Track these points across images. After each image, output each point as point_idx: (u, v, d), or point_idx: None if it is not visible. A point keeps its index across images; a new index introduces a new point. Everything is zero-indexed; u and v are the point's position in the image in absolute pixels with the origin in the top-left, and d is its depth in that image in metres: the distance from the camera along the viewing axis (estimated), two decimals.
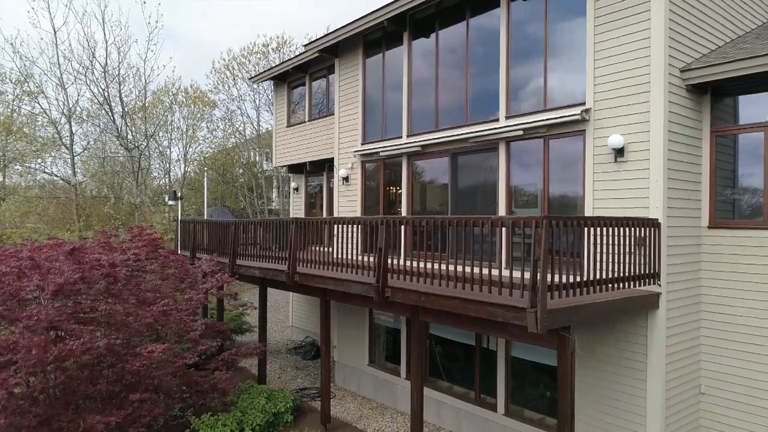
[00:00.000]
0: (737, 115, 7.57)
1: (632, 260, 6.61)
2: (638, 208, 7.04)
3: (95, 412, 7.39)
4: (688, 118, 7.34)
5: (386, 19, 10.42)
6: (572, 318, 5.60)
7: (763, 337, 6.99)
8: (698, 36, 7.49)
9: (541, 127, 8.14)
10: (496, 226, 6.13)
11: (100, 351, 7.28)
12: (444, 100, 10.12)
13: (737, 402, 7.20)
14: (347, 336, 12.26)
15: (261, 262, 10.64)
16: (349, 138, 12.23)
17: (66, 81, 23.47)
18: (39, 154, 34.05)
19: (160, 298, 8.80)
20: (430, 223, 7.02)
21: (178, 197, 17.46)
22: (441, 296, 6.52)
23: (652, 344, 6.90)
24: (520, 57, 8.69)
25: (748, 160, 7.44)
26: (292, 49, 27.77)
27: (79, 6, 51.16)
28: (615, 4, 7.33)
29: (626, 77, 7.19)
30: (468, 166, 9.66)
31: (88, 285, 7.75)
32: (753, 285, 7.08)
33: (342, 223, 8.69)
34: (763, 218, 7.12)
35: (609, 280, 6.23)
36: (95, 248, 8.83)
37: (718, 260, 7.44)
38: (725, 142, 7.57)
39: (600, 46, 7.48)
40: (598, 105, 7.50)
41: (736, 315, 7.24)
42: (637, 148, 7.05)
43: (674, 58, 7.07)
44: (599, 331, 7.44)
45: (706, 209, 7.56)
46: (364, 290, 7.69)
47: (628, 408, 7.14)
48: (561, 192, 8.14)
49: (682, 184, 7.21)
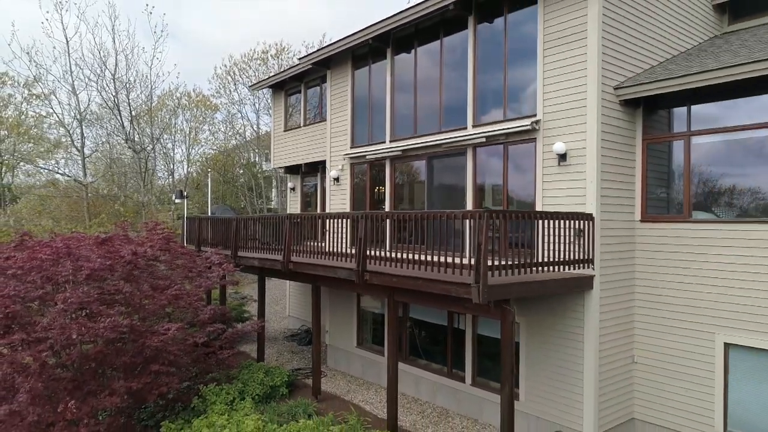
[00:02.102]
0: (667, 125, 8.87)
1: (572, 248, 7.94)
2: (578, 204, 8.34)
3: (120, 380, 8.71)
4: (622, 128, 8.65)
5: (372, 37, 11.72)
6: (511, 292, 6.90)
7: (682, 312, 8.30)
8: (631, 58, 8.79)
9: (501, 135, 9.45)
10: (450, 219, 7.45)
11: (123, 329, 8.58)
12: (422, 109, 11.41)
13: (664, 369, 8.52)
14: (338, 323, 13.57)
15: (260, 253, 11.95)
16: (340, 142, 13.53)
17: (78, 87, 24.84)
18: (46, 154, 35.41)
19: (171, 284, 10.09)
20: (402, 216, 8.34)
21: (185, 196, 18.84)
22: (410, 278, 7.82)
23: (588, 320, 8.21)
24: (485, 73, 9.99)
25: (673, 164, 8.75)
26: (290, 55, 29.12)
27: (90, 18, 52.80)
28: (558, 33, 8.63)
29: (568, 94, 8.49)
30: (442, 167, 10.97)
31: (111, 272, 9.05)
32: (676, 269, 8.40)
33: (331, 217, 10.01)
34: (684, 214, 8.43)
35: (547, 263, 7.55)
36: (116, 240, 10.10)
37: (649, 249, 8.75)
38: (656, 148, 8.87)
39: (548, 67, 8.78)
40: (546, 117, 8.80)
41: (663, 294, 8.55)
42: (576, 154, 8.35)
43: (608, 78, 8.37)
44: (547, 309, 8.74)
45: (639, 205, 8.86)
46: (347, 275, 9.00)
47: (570, 374, 8.45)
48: (518, 190, 9.44)
49: (615, 184, 8.52)
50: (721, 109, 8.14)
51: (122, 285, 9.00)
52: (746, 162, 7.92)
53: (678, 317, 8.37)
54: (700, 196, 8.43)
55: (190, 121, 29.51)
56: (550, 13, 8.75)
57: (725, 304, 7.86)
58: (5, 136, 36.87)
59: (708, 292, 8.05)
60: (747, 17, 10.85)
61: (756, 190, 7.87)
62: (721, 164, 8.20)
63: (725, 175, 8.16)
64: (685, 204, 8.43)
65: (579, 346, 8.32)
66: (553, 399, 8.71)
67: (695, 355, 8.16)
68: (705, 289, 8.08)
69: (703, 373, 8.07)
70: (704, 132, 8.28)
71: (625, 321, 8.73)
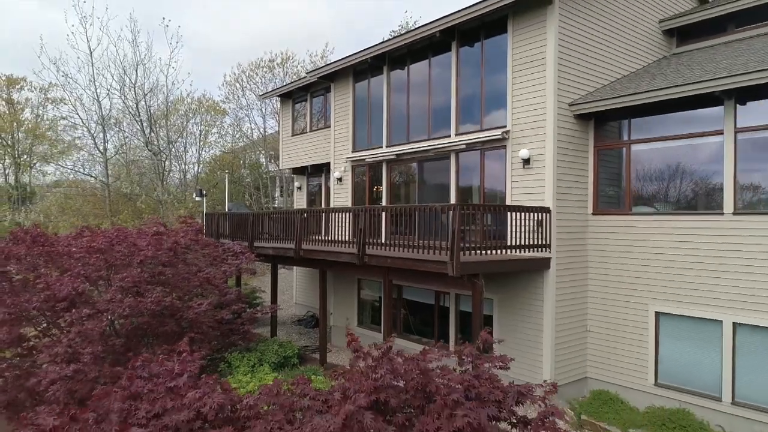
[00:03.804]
0: (616, 135, 10.71)
1: (534, 235, 9.78)
2: (539, 200, 10.18)
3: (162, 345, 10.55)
4: (576, 137, 10.49)
5: (370, 57, 13.56)
6: (479, 268, 8.75)
7: (625, 288, 10.15)
8: (586, 78, 10.63)
9: (478, 143, 11.29)
10: (432, 211, 9.30)
11: (165, 304, 10.41)
12: (413, 118, 13.25)
13: (611, 335, 10.37)
14: (341, 306, 15.42)
15: (273, 242, 13.82)
16: (342, 147, 15.37)
17: (100, 94, 26.91)
18: (60, 156, 37.28)
19: (201, 269, 11.92)
20: (395, 210, 10.20)
21: (203, 194, 20.87)
22: (402, 258, 9.67)
23: (546, 295, 10.06)
24: (465, 90, 11.83)
25: (618, 167, 10.60)
26: (294, 63, 31.08)
27: (113, 31, 56.06)
28: (524, 58, 10.47)
29: (532, 109, 10.33)
30: (430, 169, 12.81)
31: (157, 258, 10.89)
32: (621, 253, 10.25)
33: (336, 211, 11.87)
34: (626, 207, 10.28)
35: (512, 246, 9.41)
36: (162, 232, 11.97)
37: (599, 236, 10.60)
38: (605, 154, 10.72)
39: (515, 86, 10.62)
40: (514, 128, 10.65)
41: (611, 274, 10.40)
42: (538, 159, 10.20)
43: (565, 96, 10.21)
44: (515, 287, 10.58)
45: (591, 201, 10.71)
46: (350, 259, 10.84)
47: (533, 341, 10.29)
48: (492, 188, 11.29)
49: (570, 184, 10.36)
50: (654, 122, 9.99)
51: (164, 269, 10.84)
52: (673, 165, 9.77)
53: (622, 292, 10.23)
54: (640, 193, 10.28)
55: (200, 125, 31.53)
56: (517, 42, 10.60)
57: (656, 281, 9.71)
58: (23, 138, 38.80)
59: (645, 272, 9.90)
60: (692, 41, 12.70)
61: (682, 188, 9.72)
62: (655, 167, 10.06)
63: (659, 177, 10.01)
64: (627, 200, 10.29)
65: (540, 317, 10.17)
66: (521, 361, 10.54)
67: (634, 323, 10.02)
68: (642, 269, 9.93)
69: (640, 336, 9.92)
70: (640, 141, 10.14)
71: (579, 296, 10.59)
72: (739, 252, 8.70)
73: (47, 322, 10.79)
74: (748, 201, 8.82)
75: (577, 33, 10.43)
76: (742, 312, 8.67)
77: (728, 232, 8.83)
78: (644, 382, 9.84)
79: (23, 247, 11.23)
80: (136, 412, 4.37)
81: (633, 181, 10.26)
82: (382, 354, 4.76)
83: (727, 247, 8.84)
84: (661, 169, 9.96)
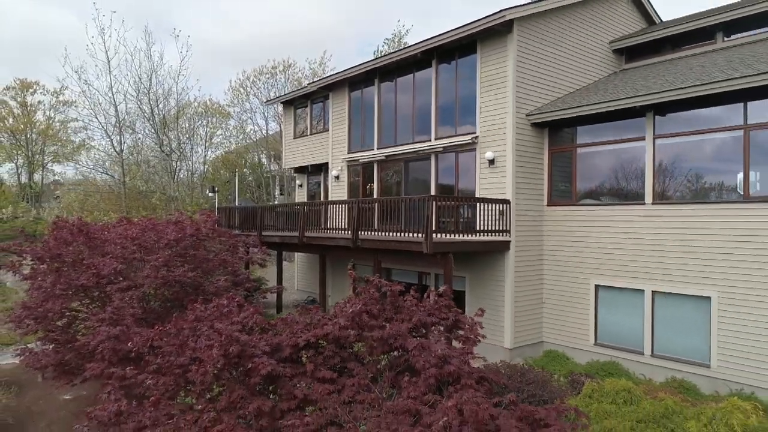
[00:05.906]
0: (568, 139, 12.86)
1: (497, 223, 11.93)
2: (501, 194, 12.32)
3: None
4: (533, 142, 12.65)
5: (363, 72, 15.70)
6: (449, 248, 10.91)
7: (573, 266, 12.32)
8: (543, 91, 12.78)
9: (453, 146, 13.44)
10: (413, 202, 11.45)
11: (190, 277, 12.53)
12: (400, 124, 15.38)
13: (561, 305, 12.53)
14: (338, 290, 17.56)
15: (280, 232, 15.95)
16: (339, 148, 17.50)
17: (117, 100, 29.29)
18: (71, 155, 39.34)
19: (219, 253, 14.03)
20: (384, 201, 12.34)
21: (216, 190, 23.12)
22: (388, 241, 11.81)
23: (507, 271, 12.21)
24: (443, 100, 13.98)
25: (569, 167, 12.76)
26: (294, 70, 33.32)
27: (130, 42, 62.17)
28: (489, 76, 12.62)
29: (495, 118, 12.48)
30: (414, 168, 14.96)
31: (180, 242, 13.01)
32: (570, 238, 12.41)
33: (334, 204, 14.00)
34: (573, 200, 12.45)
35: (478, 231, 11.56)
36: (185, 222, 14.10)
37: (553, 224, 12.76)
38: (557, 155, 12.87)
39: (483, 99, 12.77)
40: (482, 134, 12.79)
41: (562, 255, 12.56)
42: (500, 160, 12.35)
43: (523, 107, 12.36)
44: (483, 266, 12.72)
45: (546, 194, 12.87)
46: (346, 243, 12.97)
47: (498, 311, 12.44)
48: (465, 184, 13.43)
49: (528, 180, 12.52)
50: (595, 129, 12.16)
51: (189, 251, 12.97)
52: (609, 165, 11.95)
53: (570, 270, 12.39)
54: (585, 188, 12.44)
55: (206, 127, 33.79)
56: (484, 62, 12.75)
57: (595, 259, 11.88)
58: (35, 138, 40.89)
59: (588, 252, 12.06)
60: (638, 59, 14.88)
61: (615, 184, 11.90)
62: (596, 166, 12.23)
63: (599, 174, 12.18)
64: (574, 194, 12.46)
65: (502, 291, 12.32)
66: (488, 328, 12.56)
67: (579, 294, 12.18)
68: (586, 250, 12.10)
69: (583, 305, 12.09)
70: (584, 145, 12.32)
71: (536, 274, 12.75)
72: (656, 234, 10.88)
73: (91, 297, 12.87)
74: (662, 193, 11.00)
75: (534, 55, 12.59)
76: (659, 282, 10.85)
77: (648, 218, 11.02)
78: (587, 343, 12.01)
79: (69, 234, 13.34)
80: (201, 329, 6.48)
81: (579, 178, 12.43)
82: (370, 284, 6.93)
83: (647, 230, 11.03)
84: (600, 168, 12.14)
